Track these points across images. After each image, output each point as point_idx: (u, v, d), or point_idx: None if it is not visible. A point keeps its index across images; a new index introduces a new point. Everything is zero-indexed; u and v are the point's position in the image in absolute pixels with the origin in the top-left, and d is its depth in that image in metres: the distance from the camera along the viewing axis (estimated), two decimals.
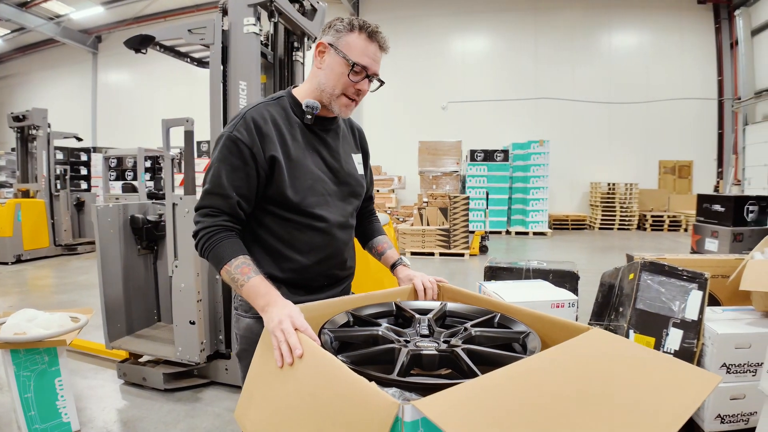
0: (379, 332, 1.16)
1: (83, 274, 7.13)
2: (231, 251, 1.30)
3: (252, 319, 1.44)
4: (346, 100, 1.43)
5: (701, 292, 2.54)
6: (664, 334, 2.50)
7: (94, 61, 17.32)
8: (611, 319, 2.77)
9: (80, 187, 10.50)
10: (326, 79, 1.40)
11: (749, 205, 4.45)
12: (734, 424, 2.51)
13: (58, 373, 2.41)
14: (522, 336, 1.16)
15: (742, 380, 2.48)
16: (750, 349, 2.44)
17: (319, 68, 1.42)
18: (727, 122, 13.44)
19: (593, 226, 13.25)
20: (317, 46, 1.41)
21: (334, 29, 1.39)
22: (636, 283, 2.59)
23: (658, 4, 13.59)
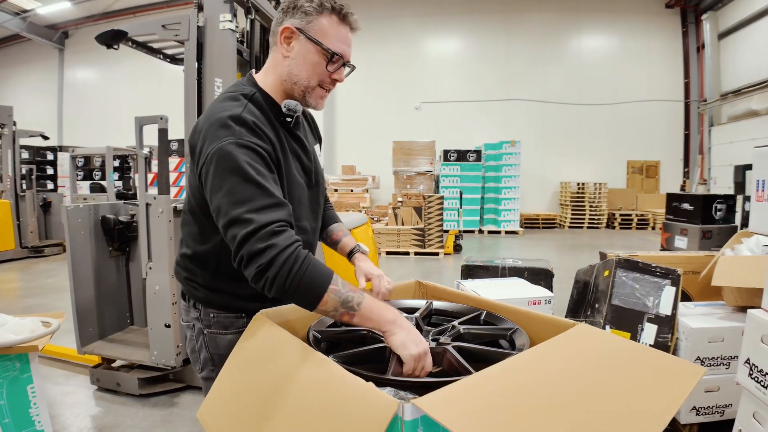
0: (367, 331, 1.15)
1: (51, 277, 6.92)
2: (326, 269, 1.06)
3: (234, 335, 1.28)
4: (322, 92, 1.29)
5: (674, 288, 2.60)
6: (639, 329, 2.55)
7: (60, 57, 16.83)
8: (587, 316, 2.82)
9: (46, 187, 10.21)
10: (299, 70, 1.23)
11: (717, 204, 4.59)
12: (709, 416, 2.57)
13: (31, 380, 2.33)
14: (509, 332, 1.17)
15: (716, 373, 2.54)
16: (723, 343, 2.51)
17: (286, 56, 1.24)
18: (694, 123, 13.84)
19: (563, 225, 13.48)
20: (282, 32, 1.22)
21: (300, 11, 1.20)
22: (611, 279, 2.63)
23: (626, 8, 13.91)
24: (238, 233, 1.03)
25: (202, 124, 1.17)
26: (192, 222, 1.31)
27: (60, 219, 8.93)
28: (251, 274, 1.04)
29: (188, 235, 1.33)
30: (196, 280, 1.33)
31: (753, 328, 1.80)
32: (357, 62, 1.37)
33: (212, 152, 1.10)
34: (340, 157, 14.93)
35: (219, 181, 1.08)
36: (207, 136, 1.13)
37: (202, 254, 1.30)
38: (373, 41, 14.59)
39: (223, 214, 1.07)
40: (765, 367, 1.74)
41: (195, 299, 1.34)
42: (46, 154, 10.78)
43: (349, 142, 15.00)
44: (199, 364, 1.38)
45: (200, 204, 1.22)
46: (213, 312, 1.31)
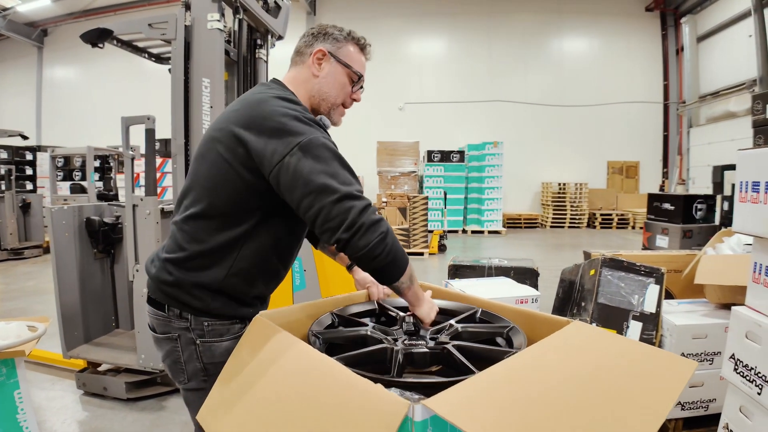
0: (367, 332, 1.16)
1: (31, 279, 6.79)
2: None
3: (230, 341, 1.30)
4: (343, 110, 1.42)
5: (658, 286, 2.65)
6: (624, 326, 2.60)
7: (39, 55, 16.50)
8: (573, 314, 2.86)
9: (26, 188, 10.01)
10: (329, 88, 1.36)
11: (697, 204, 4.68)
12: (694, 410, 2.63)
13: (17, 386, 2.29)
14: (506, 330, 1.19)
15: (700, 369, 2.61)
16: (706, 339, 2.57)
17: (316, 75, 1.35)
18: (672, 125, 14.10)
19: (545, 225, 13.64)
20: (315, 53, 1.34)
21: (332, 37, 1.35)
22: (597, 278, 2.68)
23: (607, 11, 14.12)
24: (355, 204, 1.11)
25: (266, 119, 1.18)
26: (209, 215, 1.26)
27: (40, 220, 8.77)
28: (371, 240, 1.10)
29: (202, 229, 1.27)
30: (199, 282, 1.27)
31: (737, 324, 1.85)
32: None
33: (303, 142, 1.15)
34: None
35: (322, 165, 1.14)
36: (287, 129, 1.16)
37: (221, 246, 1.26)
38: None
39: (330, 192, 1.11)
40: (750, 362, 1.79)
41: (185, 307, 1.29)
42: (25, 154, 10.57)
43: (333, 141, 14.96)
44: (184, 375, 1.33)
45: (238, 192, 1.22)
46: (207, 320, 1.29)
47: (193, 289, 1.27)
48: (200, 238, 1.26)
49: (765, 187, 1.59)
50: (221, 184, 1.23)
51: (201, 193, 1.26)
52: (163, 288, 1.30)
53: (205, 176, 1.25)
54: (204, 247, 1.26)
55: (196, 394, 1.32)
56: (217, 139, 1.23)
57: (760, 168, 1.62)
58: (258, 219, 1.25)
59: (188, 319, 1.28)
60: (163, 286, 1.30)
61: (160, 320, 1.32)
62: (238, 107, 1.25)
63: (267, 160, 1.15)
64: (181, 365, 1.32)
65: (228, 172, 1.21)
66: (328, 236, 1.12)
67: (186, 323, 1.29)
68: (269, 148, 1.15)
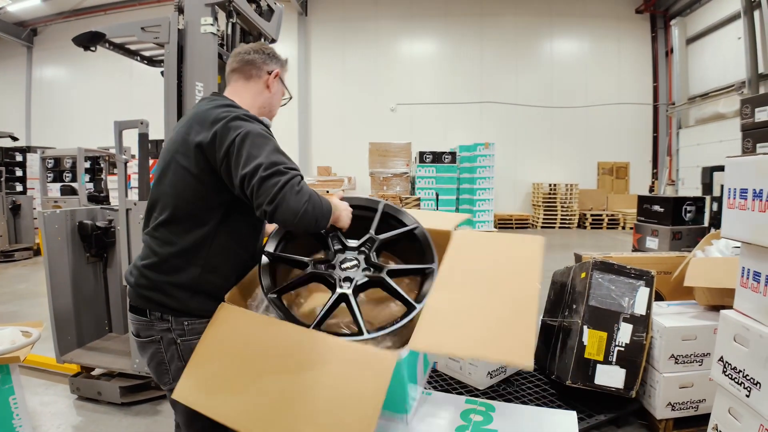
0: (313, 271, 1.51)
1: (22, 282, 6.74)
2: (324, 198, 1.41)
3: None
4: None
5: (648, 289, 2.69)
6: (615, 328, 2.64)
7: (28, 55, 16.33)
8: (565, 316, 2.90)
9: (15, 190, 9.92)
10: (276, 103, 1.65)
11: (687, 206, 4.74)
12: (684, 411, 2.67)
13: (12, 391, 2.29)
14: (414, 230, 1.62)
15: (690, 370, 2.65)
16: (696, 341, 2.61)
17: (269, 90, 1.60)
18: (662, 126, 14.22)
19: (536, 225, 13.72)
20: (273, 73, 1.59)
21: (279, 61, 1.63)
22: (588, 281, 2.71)
23: (597, 13, 14.22)
24: (279, 180, 1.26)
25: (214, 122, 1.36)
26: (176, 219, 1.40)
27: (30, 222, 8.70)
28: (302, 207, 1.27)
29: (172, 233, 1.40)
30: (178, 282, 1.39)
31: (726, 327, 1.88)
32: (333, 63, 1.82)
33: (243, 132, 1.32)
34: (315, 158, 14.88)
35: (257, 150, 1.30)
36: (229, 126, 1.35)
37: (191, 246, 1.39)
38: (349, 42, 14.61)
39: (262, 169, 1.27)
40: (738, 365, 1.82)
41: (165, 310, 1.39)
42: (14, 155, 10.47)
43: (325, 143, 14.97)
44: (169, 375, 1.42)
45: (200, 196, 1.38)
46: (187, 320, 1.40)
47: (171, 289, 1.39)
48: (171, 241, 1.39)
49: (752, 194, 1.62)
50: (183, 188, 1.39)
51: (166, 201, 1.41)
52: (143, 293, 1.41)
53: (169, 185, 1.41)
54: (176, 248, 1.39)
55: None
56: (175, 150, 1.41)
57: (747, 175, 1.65)
58: (221, 216, 1.40)
59: (169, 320, 1.39)
60: (143, 291, 1.41)
61: (142, 325, 1.43)
62: (188, 121, 1.44)
63: (216, 154, 1.33)
64: (166, 366, 1.42)
65: (188, 176, 1.38)
66: (259, 212, 1.28)
67: (167, 324, 1.39)
68: (217, 144, 1.33)
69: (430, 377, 3.06)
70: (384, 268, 1.51)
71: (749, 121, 3.79)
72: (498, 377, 2.94)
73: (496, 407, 1.35)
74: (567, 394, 2.79)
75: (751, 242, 1.67)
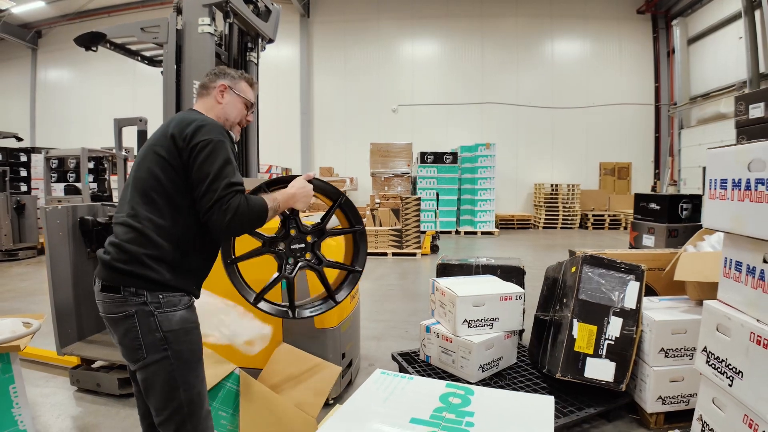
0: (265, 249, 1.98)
1: (25, 280, 6.81)
2: (258, 198, 1.63)
3: (184, 310, 1.61)
4: (239, 128, 1.90)
5: (638, 283, 2.72)
6: (605, 322, 2.67)
7: (33, 57, 16.49)
8: (556, 310, 2.93)
9: (20, 190, 10.02)
10: (229, 113, 1.82)
11: (683, 204, 4.76)
12: (675, 405, 2.70)
13: (12, 380, 2.34)
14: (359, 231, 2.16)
15: (680, 364, 2.67)
16: (686, 335, 2.64)
17: (219, 103, 1.80)
18: (664, 126, 14.23)
19: (538, 225, 13.73)
20: (219, 87, 1.80)
21: (229, 76, 1.83)
22: (578, 275, 2.75)
23: (599, 14, 14.24)
24: (216, 197, 1.52)
25: (196, 122, 1.61)
26: (153, 200, 1.58)
27: (34, 222, 8.78)
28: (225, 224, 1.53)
29: (149, 212, 1.57)
30: (159, 257, 1.55)
31: (709, 318, 1.92)
32: (335, 64, 1.94)
33: (213, 140, 1.57)
34: (317, 159, 14.96)
35: (213, 159, 1.55)
36: (206, 129, 1.59)
37: (168, 225, 1.57)
38: (350, 44, 14.68)
39: (209, 180, 1.53)
40: (721, 354, 1.85)
41: (142, 282, 1.53)
42: (19, 156, 10.57)
43: (327, 144, 15.05)
44: (142, 350, 1.53)
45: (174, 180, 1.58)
46: (161, 293, 1.55)
47: (150, 261, 1.54)
48: (150, 219, 1.56)
49: (731, 184, 1.66)
50: (157, 173, 1.57)
51: (141, 185, 1.59)
52: (119, 267, 1.53)
53: (145, 171, 1.59)
54: (153, 225, 1.55)
55: (157, 368, 1.54)
56: (153, 143, 1.63)
57: (726, 166, 1.69)
58: (192, 198, 1.58)
59: (144, 295, 1.53)
60: (120, 265, 1.53)
61: (115, 302, 1.54)
62: (169, 122, 1.67)
63: (185, 146, 1.56)
64: (139, 341, 1.53)
65: (162, 161, 1.58)
66: (200, 214, 1.56)
67: (143, 298, 1.53)
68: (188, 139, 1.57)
69: (423, 370, 3.10)
70: (322, 262, 2.03)
71: (743, 117, 3.82)
72: (490, 370, 2.97)
73: (475, 391, 1.38)
74: (558, 388, 2.82)
75: (732, 231, 1.71)
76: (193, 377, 1.60)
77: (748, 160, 1.57)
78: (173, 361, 1.54)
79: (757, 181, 1.52)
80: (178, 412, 1.56)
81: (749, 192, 1.57)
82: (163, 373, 1.54)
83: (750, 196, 1.56)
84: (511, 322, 3.05)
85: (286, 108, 14.60)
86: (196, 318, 1.67)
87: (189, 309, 1.63)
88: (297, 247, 1.97)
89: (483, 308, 2.95)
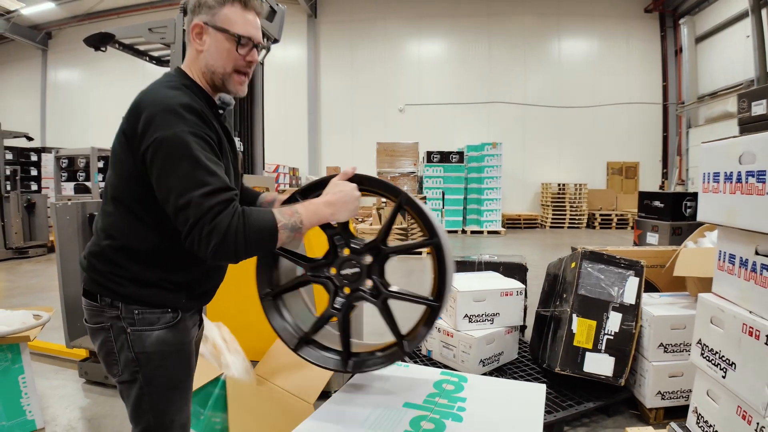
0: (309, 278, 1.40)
1: (35, 277, 6.92)
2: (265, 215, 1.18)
3: (163, 330, 1.30)
4: (240, 77, 1.34)
5: (638, 279, 2.75)
6: (604, 317, 2.70)
7: (43, 58, 16.69)
8: (556, 306, 2.96)
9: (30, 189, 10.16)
10: (214, 60, 1.30)
11: (687, 201, 4.76)
12: (674, 400, 2.71)
13: (22, 370, 2.41)
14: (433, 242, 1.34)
15: (680, 359, 2.68)
16: (685, 330, 2.65)
17: (200, 51, 1.31)
18: (672, 125, 14.16)
19: (545, 225, 13.71)
20: (192, 29, 1.30)
21: (205, 7, 1.28)
22: (577, 270, 2.78)
23: (606, 12, 14.20)
24: (191, 217, 1.12)
25: (147, 109, 1.19)
26: (118, 212, 1.27)
27: (44, 220, 8.91)
28: (208, 253, 1.12)
29: (113, 226, 1.27)
30: (121, 274, 1.27)
31: (703, 310, 1.94)
32: (342, 64, 1.52)
33: (163, 138, 1.14)
34: (324, 159, 15.03)
35: (172, 167, 1.14)
36: (155, 121, 1.16)
37: (134, 246, 1.27)
38: (357, 44, 14.74)
39: (175, 199, 1.13)
40: (714, 346, 1.88)
41: (115, 296, 1.27)
42: (30, 155, 10.73)
43: (334, 144, 15.12)
44: (118, 367, 1.30)
45: (134, 191, 1.24)
46: (137, 308, 1.27)
47: (120, 277, 1.27)
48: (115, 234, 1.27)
49: (723, 177, 1.69)
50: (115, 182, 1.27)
51: (109, 190, 1.29)
52: (94, 275, 1.29)
53: (109, 176, 1.29)
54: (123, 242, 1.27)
55: (129, 387, 1.30)
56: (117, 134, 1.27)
57: (718, 159, 1.71)
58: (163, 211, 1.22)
59: (119, 308, 1.27)
60: (93, 274, 1.29)
61: (93, 310, 1.31)
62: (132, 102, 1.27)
63: (139, 147, 1.18)
64: (115, 356, 1.29)
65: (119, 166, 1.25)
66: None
67: (117, 311, 1.27)
68: (140, 140, 1.18)
69: (424, 365, 3.13)
70: (382, 294, 1.34)
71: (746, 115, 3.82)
72: (491, 365, 3.01)
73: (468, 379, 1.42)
74: (558, 383, 2.85)
75: (725, 224, 1.73)
76: (165, 405, 1.33)
77: (738, 153, 1.60)
78: (143, 386, 1.28)
79: (748, 173, 1.55)
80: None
81: (740, 185, 1.59)
82: (133, 395, 1.30)
83: (741, 189, 1.59)
84: (511, 318, 3.09)
85: (293, 108, 14.69)
86: (181, 339, 1.34)
87: (171, 329, 1.31)
88: (350, 272, 1.36)
89: (484, 303, 2.99)
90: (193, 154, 1.14)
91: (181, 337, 1.33)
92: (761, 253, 1.58)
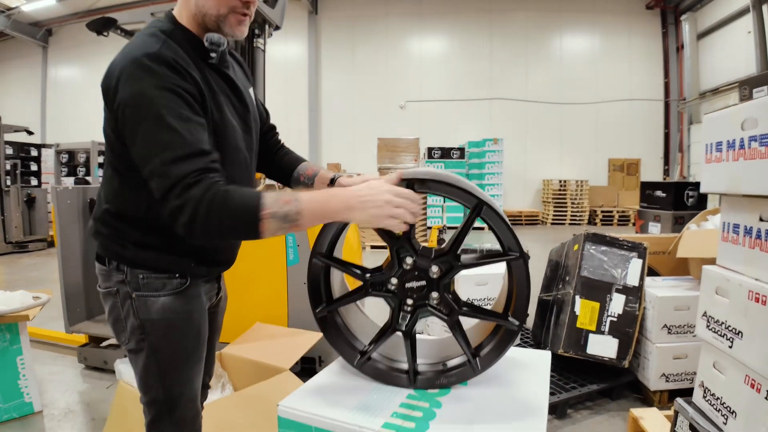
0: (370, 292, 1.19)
1: (34, 270, 6.91)
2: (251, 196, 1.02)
3: (170, 297, 1.22)
4: (237, 17, 1.19)
5: (641, 260, 2.73)
6: (607, 299, 2.68)
7: (44, 54, 16.67)
8: (559, 289, 2.94)
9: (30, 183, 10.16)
10: (204, 1, 1.15)
11: (689, 191, 4.75)
12: (679, 382, 2.70)
13: (20, 351, 2.39)
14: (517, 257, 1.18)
15: (684, 341, 2.67)
16: (689, 311, 2.63)
17: None
18: (673, 122, 14.13)
19: (546, 222, 13.69)
20: None
21: None
22: (580, 252, 2.76)
23: (607, 9, 14.18)
24: (159, 189, 1.02)
25: (117, 64, 1.08)
26: (112, 177, 1.21)
27: (44, 215, 8.91)
28: (180, 232, 1.03)
29: (110, 191, 1.22)
30: (122, 236, 1.21)
31: (708, 282, 1.92)
32: (343, 61, 1.41)
33: (129, 96, 1.04)
34: (325, 155, 15.01)
35: (137, 129, 1.04)
36: (122, 77, 1.05)
37: (128, 212, 1.20)
38: (358, 40, 14.73)
39: (143, 165, 1.04)
40: (720, 317, 1.86)
41: (120, 260, 1.21)
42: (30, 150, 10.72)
43: (335, 140, 15.10)
44: (125, 334, 1.24)
45: (118, 156, 1.16)
46: (142, 273, 1.20)
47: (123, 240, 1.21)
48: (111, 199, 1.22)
49: (726, 146, 1.67)
50: (107, 132, 1.19)
51: (106, 146, 1.23)
52: (100, 239, 1.25)
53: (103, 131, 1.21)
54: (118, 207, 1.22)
55: (136, 356, 1.24)
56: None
57: (721, 128, 1.70)
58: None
59: (124, 272, 1.20)
60: (100, 237, 1.25)
61: (103, 274, 1.25)
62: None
63: (111, 107, 1.10)
64: (122, 323, 1.24)
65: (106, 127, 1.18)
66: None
67: (122, 276, 1.21)
68: (113, 102, 1.09)
69: None
70: (455, 310, 1.16)
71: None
72: None
73: None
74: (561, 367, 2.83)
75: (728, 192, 1.72)
76: (172, 376, 1.25)
77: (741, 119, 1.59)
78: (150, 355, 1.22)
79: (751, 138, 1.53)
80: (155, 403, 1.27)
81: (743, 150, 1.58)
82: (140, 364, 1.23)
83: (744, 155, 1.57)
84: None
85: (294, 104, 14.67)
86: (190, 307, 1.25)
87: (178, 295, 1.22)
88: (415, 286, 1.17)
89: (486, 287, 2.98)
90: (158, 112, 1.01)
91: (190, 306, 1.24)
92: (766, 219, 1.57)
